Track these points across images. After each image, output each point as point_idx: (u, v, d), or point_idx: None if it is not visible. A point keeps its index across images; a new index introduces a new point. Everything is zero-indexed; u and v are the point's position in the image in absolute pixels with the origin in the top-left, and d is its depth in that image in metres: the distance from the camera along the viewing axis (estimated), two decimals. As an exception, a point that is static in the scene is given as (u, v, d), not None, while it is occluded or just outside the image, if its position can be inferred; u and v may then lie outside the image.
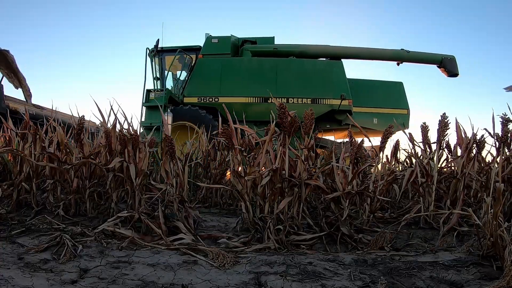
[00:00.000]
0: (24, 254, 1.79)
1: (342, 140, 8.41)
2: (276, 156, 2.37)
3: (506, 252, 1.61)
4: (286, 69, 8.79)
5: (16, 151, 2.81)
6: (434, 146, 2.77)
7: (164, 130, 2.66)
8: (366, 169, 3.05)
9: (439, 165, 2.84)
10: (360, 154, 2.61)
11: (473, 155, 2.70)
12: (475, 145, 2.77)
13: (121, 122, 2.71)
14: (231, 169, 2.52)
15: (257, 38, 9.46)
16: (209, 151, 3.94)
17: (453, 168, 2.91)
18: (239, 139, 2.61)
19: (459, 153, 2.80)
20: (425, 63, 9.48)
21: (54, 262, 1.72)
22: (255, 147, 2.74)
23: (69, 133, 3.10)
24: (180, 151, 4.08)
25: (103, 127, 2.79)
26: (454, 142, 3.00)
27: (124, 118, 2.78)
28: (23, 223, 2.37)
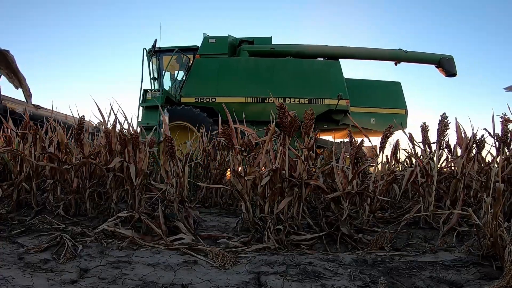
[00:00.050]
0: (24, 254, 1.79)
1: (342, 140, 8.42)
2: (276, 156, 2.37)
3: (506, 252, 1.61)
4: (283, 69, 8.76)
5: (16, 151, 2.81)
6: (434, 146, 2.77)
7: (164, 130, 2.66)
8: (366, 169, 3.06)
9: (439, 165, 2.85)
10: (360, 154, 2.61)
11: (473, 155, 2.70)
12: (475, 145, 2.78)
13: (121, 122, 2.72)
14: (231, 169, 2.52)
15: (255, 38, 9.43)
16: (209, 151, 3.94)
17: (453, 168, 2.91)
18: (239, 139, 2.61)
19: (459, 153, 2.80)
20: (423, 63, 9.43)
21: (54, 262, 1.72)
22: (255, 147, 2.74)
23: (68, 133, 3.09)
24: (180, 151, 4.08)
25: (103, 127, 2.79)
26: (454, 142, 3.01)
27: (124, 118, 2.79)
28: (23, 223, 2.37)
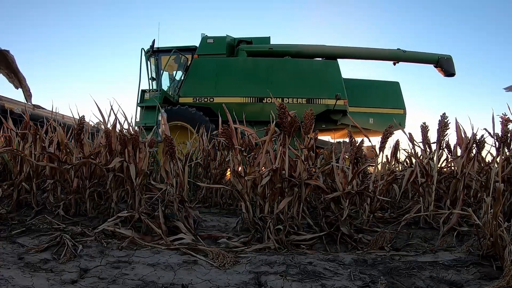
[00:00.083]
0: (24, 254, 1.79)
1: (342, 140, 8.41)
2: (276, 156, 2.37)
3: (506, 252, 1.61)
4: (282, 69, 8.74)
5: (16, 151, 2.81)
6: (434, 146, 2.77)
7: (165, 130, 2.66)
8: (366, 169, 3.06)
9: (439, 165, 2.85)
10: (360, 154, 2.61)
11: (473, 155, 2.70)
12: (475, 145, 2.78)
13: (121, 122, 2.72)
14: (231, 169, 2.52)
15: (253, 38, 9.41)
16: (209, 151, 3.94)
17: (453, 168, 2.91)
18: (239, 139, 2.61)
19: (459, 153, 2.80)
20: (422, 63, 9.40)
21: (54, 262, 1.72)
22: (255, 147, 2.74)
23: (66, 133, 3.09)
24: (180, 151, 4.08)
25: (103, 127, 2.79)
26: (454, 142, 3.01)
27: (124, 118, 2.79)
28: (23, 223, 2.37)
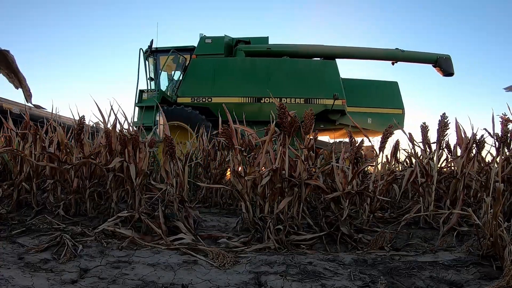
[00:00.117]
0: (24, 254, 1.79)
1: (342, 140, 8.41)
2: (276, 156, 2.37)
3: (506, 252, 1.61)
4: (280, 69, 8.73)
5: (16, 151, 2.81)
6: (434, 146, 2.77)
7: (164, 130, 2.66)
8: (366, 169, 3.06)
9: (439, 165, 2.85)
10: (360, 154, 2.62)
11: (473, 155, 2.70)
12: (475, 145, 2.78)
13: (121, 122, 2.72)
14: (231, 169, 2.52)
15: (251, 38, 9.39)
16: (209, 151, 3.94)
17: (453, 168, 2.91)
18: (239, 139, 2.61)
19: (459, 153, 2.80)
20: (420, 63, 9.39)
21: (54, 262, 1.72)
22: (255, 147, 2.74)
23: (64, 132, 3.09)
24: (180, 151, 4.08)
25: (104, 127, 2.79)
26: (454, 142, 3.01)
27: (124, 118, 2.79)
28: (23, 223, 2.37)
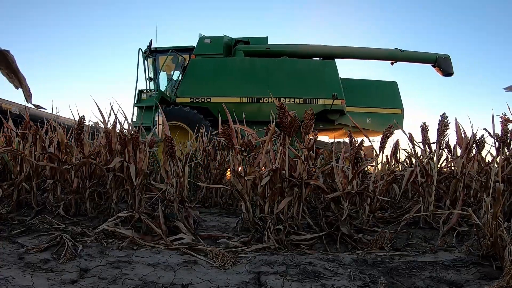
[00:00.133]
0: (24, 254, 1.79)
1: (342, 140, 8.41)
2: (276, 156, 2.37)
3: (506, 252, 1.61)
4: (279, 69, 8.72)
5: (16, 151, 2.81)
6: (434, 146, 2.77)
7: (164, 130, 2.66)
8: (366, 169, 3.06)
9: (439, 165, 2.85)
10: (360, 154, 2.62)
11: (473, 155, 2.70)
12: (475, 145, 2.78)
13: (121, 122, 2.72)
14: (231, 169, 2.52)
15: (250, 38, 9.39)
16: (209, 151, 3.94)
17: (453, 168, 2.91)
18: (239, 139, 2.61)
19: (459, 153, 2.80)
20: (420, 63, 9.36)
21: (54, 262, 1.72)
22: (255, 147, 2.74)
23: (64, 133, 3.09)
24: (181, 151, 4.08)
25: (104, 127, 2.79)
26: (454, 142, 3.01)
27: (124, 118, 2.79)
28: (24, 223, 2.37)
